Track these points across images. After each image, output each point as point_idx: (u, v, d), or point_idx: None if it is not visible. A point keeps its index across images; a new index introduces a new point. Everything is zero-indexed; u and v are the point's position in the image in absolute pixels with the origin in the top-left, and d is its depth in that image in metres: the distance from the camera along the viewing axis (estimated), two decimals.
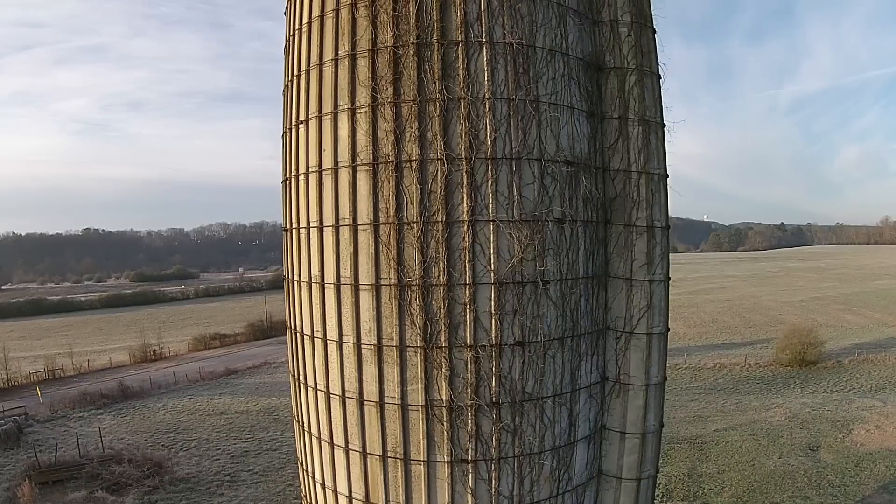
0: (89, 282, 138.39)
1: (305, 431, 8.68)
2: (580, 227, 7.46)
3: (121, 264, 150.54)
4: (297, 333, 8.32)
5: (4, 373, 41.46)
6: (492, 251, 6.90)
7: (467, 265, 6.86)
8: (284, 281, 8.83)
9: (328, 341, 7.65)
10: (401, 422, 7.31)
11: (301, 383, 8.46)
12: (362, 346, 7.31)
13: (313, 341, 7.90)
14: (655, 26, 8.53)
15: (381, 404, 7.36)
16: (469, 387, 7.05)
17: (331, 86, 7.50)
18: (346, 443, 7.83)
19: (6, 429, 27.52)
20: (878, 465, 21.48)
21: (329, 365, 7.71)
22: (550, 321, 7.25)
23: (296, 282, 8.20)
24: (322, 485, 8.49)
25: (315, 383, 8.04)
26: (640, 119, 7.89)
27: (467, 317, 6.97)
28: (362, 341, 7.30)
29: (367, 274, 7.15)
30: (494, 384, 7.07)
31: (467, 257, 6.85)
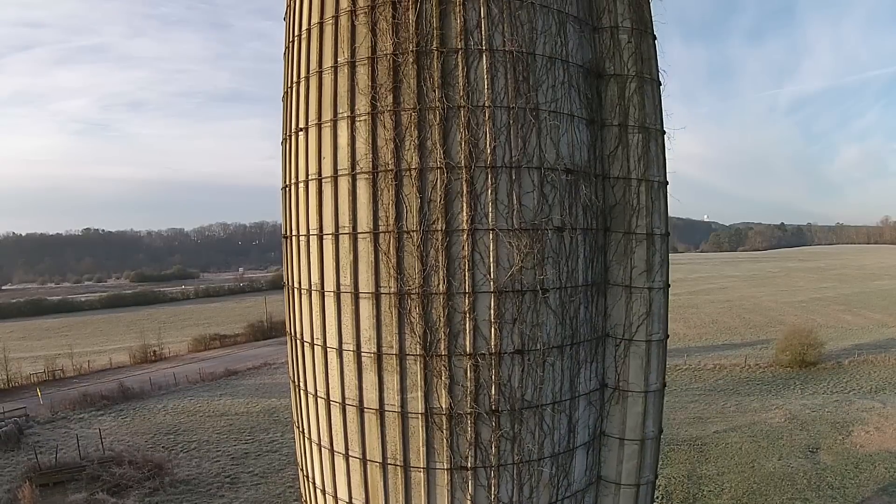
0: (89, 282, 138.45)
1: (305, 437, 8.70)
2: (580, 235, 7.47)
3: (121, 264, 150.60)
4: (297, 340, 8.34)
5: (5, 374, 41.50)
6: (491, 260, 6.91)
7: (467, 274, 6.87)
8: (284, 287, 8.84)
9: (328, 349, 7.67)
10: (400, 429, 7.33)
11: (301, 390, 8.48)
12: (362, 354, 7.33)
13: (313, 348, 7.92)
14: (656, 32, 8.54)
15: (381, 412, 7.37)
16: (469, 395, 7.07)
17: (330, 93, 7.51)
18: (347, 449, 7.85)
19: (7, 430, 27.56)
20: (878, 466, 21.50)
21: (329, 372, 7.73)
22: (550, 329, 7.26)
23: (296, 289, 8.22)
24: (322, 490, 8.51)
25: (315, 390, 8.06)
26: (640, 126, 7.89)
27: (467, 325, 6.98)
28: (362, 349, 7.31)
29: (366, 282, 7.16)
30: (494, 392, 7.09)
31: (467, 266, 6.86)
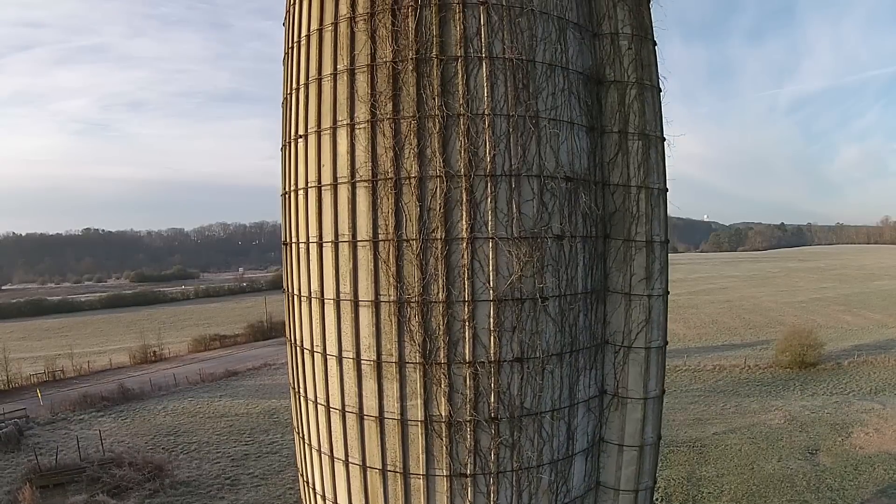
0: (89, 282, 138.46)
1: (306, 443, 8.71)
2: (579, 243, 7.47)
3: (121, 264, 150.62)
4: (297, 347, 8.35)
5: (5, 374, 41.51)
6: (491, 268, 6.91)
7: (466, 282, 6.88)
8: (284, 294, 8.85)
9: (328, 356, 7.67)
10: (400, 436, 7.34)
11: (301, 396, 8.49)
12: (362, 362, 7.34)
13: (313, 356, 7.93)
14: (656, 38, 8.53)
15: (381, 419, 7.38)
16: (468, 402, 7.08)
17: (330, 101, 7.50)
18: (346, 456, 7.86)
19: (7, 431, 27.58)
20: (877, 468, 21.53)
21: (329, 379, 7.74)
22: (549, 337, 7.27)
23: (295, 296, 8.22)
24: (322, 496, 8.53)
25: (315, 397, 8.07)
26: (640, 133, 7.89)
27: (466, 333, 6.99)
28: (362, 357, 7.32)
29: (366, 290, 7.16)
30: (493, 400, 7.10)
31: (466, 274, 6.86)
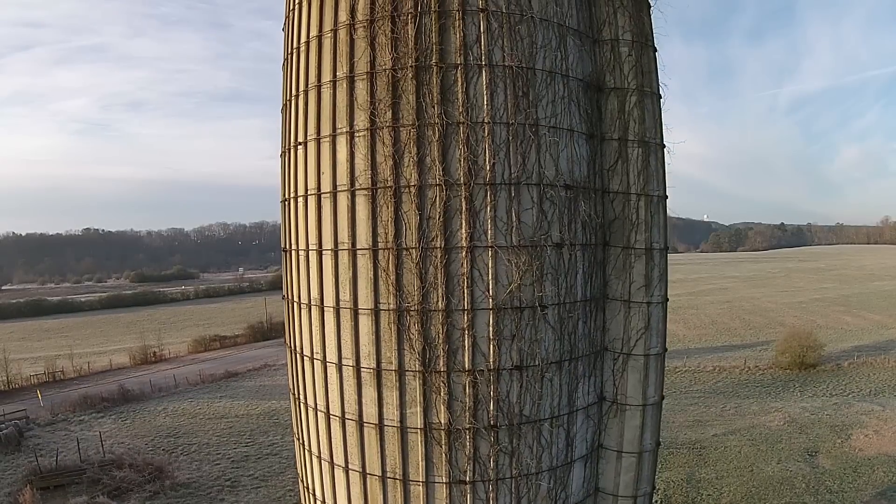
0: (89, 282, 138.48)
1: (306, 449, 8.72)
2: (578, 251, 7.47)
3: (121, 264, 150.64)
4: (297, 354, 8.36)
5: (5, 375, 41.53)
6: (490, 277, 6.91)
7: (466, 291, 6.88)
8: (284, 301, 8.85)
9: (328, 363, 7.68)
10: (400, 444, 7.35)
11: (301, 403, 8.50)
12: (362, 370, 7.34)
13: (313, 363, 7.93)
14: (656, 44, 8.52)
15: (381, 426, 7.39)
16: (467, 410, 7.08)
17: (329, 108, 7.49)
18: (346, 463, 7.87)
19: (7, 433, 27.59)
20: (877, 471, 21.53)
21: (329, 387, 7.75)
22: (548, 345, 7.27)
23: (295, 303, 8.23)
24: (322, 502, 8.54)
25: (315, 404, 8.08)
26: (639, 141, 7.89)
27: (466, 342, 6.99)
28: (361, 365, 7.32)
29: (366, 299, 7.17)
30: (492, 408, 7.10)
31: (466, 283, 6.86)
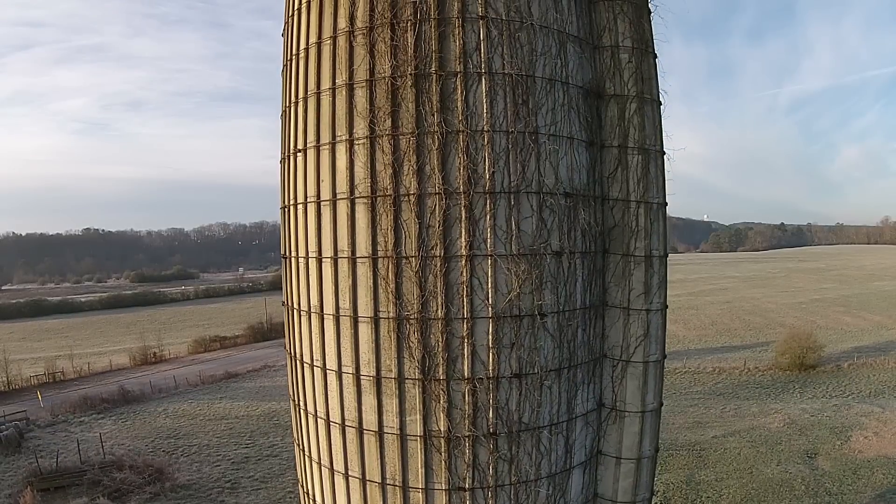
0: (89, 282, 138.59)
1: (306, 455, 8.74)
2: (578, 259, 7.48)
3: (121, 264, 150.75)
4: (297, 361, 8.37)
5: (5, 376, 41.59)
6: (490, 285, 6.92)
7: (465, 299, 6.89)
8: (284, 307, 8.86)
9: (328, 371, 7.69)
10: (399, 451, 7.36)
11: (301, 409, 8.51)
12: (361, 377, 7.36)
13: (313, 370, 7.95)
14: (657, 50, 8.51)
15: (381, 433, 7.40)
16: (466, 418, 7.10)
17: (328, 116, 7.49)
18: (346, 469, 7.89)
19: (7, 434, 27.64)
20: (876, 473, 21.56)
21: (329, 394, 7.76)
22: (547, 353, 7.28)
23: (295, 310, 8.24)
24: None
25: (315, 410, 8.09)
26: (639, 148, 7.89)
27: (465, 350, 7.00)
28: (361, 372, 7.34)
29: (365, 307, 7.18)
30: (491, 415, 7.12)
31: (465, 292, 6.87)
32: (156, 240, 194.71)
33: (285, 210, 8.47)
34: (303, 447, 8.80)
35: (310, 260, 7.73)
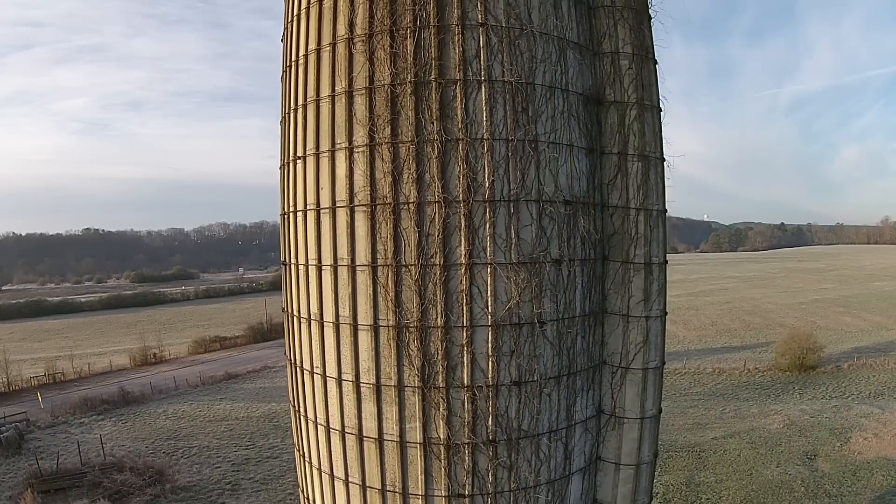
0: (89, 282, 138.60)
1: (306, 461, 8.76)
2: (577, 266, 7.48)
3: (121, 264, 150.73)
4: (297, 367, 8.38)
5: (5, 376, 41.58)
6: (489, 294, 6.93)
7: (465, 308, 6.90)
8: (284, 314, 8.87)
9: (328, 378, 7.71)
10: (399, 458, 7.38)
11: (301, 415, 8.53)
12: (361, 385, 7.37)
13: (313, 377, 7.96)
14: (657, 56, 8.49)
15: (381, 441, 7.42)
16: (466, 425, 7.11)
17: (328, 123, 7.50)
18: (346, 475, 7.91)
19: (8, 436, 27.65)
20: (876, 474, 21.58)
21: (329, 400, 7.78)
22: (547, 360, 7.30)
23: (295, 317, 8.25)
24: None
25: (315, 417, 8.11)
26: (639, 155, 7.89)
27: (465, 358, 7.01)
28: (361, 380, 7.35)
29: (365, 315, 7.19)
30: (491, 423, 7.13)
31: (465, 300, 6.88)
32: (156, 240, 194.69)
33: (285, 217, 8.48)
34: (303, 453, 8.82)
35: (309, 267, 7.74)
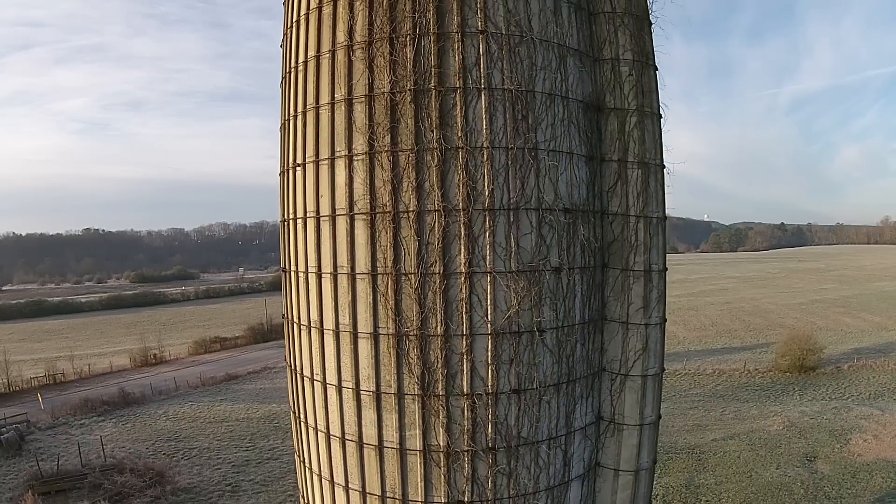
0: (90, 282, 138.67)
1: (306, 467, 8.77)
2: (577, 274, 7.49)
3: (121, 264, 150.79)
4: (297, 374, 8.39)
5: (6, 377, 41.61)
6: (489, 302, 6.94)
7: (464, 316, 6.91)
8: (284, 320, 8.88)
9: (328, 385, 7.72)
10: (399, 465, 7.39)
11: (301, 421, 8.54)
12: (361, 392, 7.38)
13: (313, 384, 7.97)
14: (657, 63, 8.47)
15: (381, 448, 7.43)
16: (466, 433, 7.12)
17: (327, 131, 7.49)
18: (346, 482, 7.92)
19: (8, 437, 27.69)
20: (875, 476, 21.59)
21: (329, 407, 7.79)
22: (546, 368, 7.31)
23: (295, 324, 8.25)
24: None
25: (315, 423, 8.12)
26: (639, 162, 7.89)
27: (464, 366, 7.03)
28: (361, 387, 7.36)
29: (365, 323, 7.19)
30: (490, 430, 7.14)
31: (464, 309, 6.89)
32: (156, 240, 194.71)
33: (285, 224, 8.48)
34: (303, 458, 8.83)
35: (309, 275, 7.75)
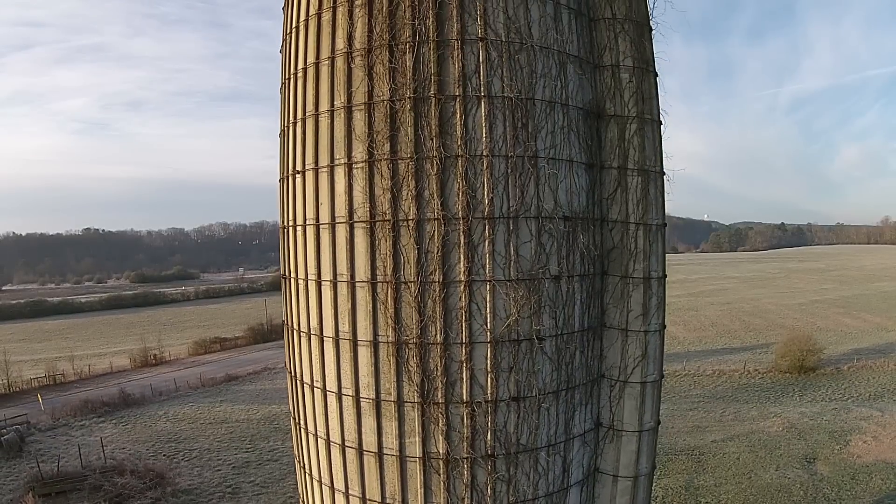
0: (90, 282, 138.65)
1: (306, 473, 8.79)
2: (577, 282, 7.50)
3: (121, 264, 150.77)
4: (298, 381, 8.40)
5: (6, 378, 41.62)
6: (488, 311, 6.95)
7: (464, 325, 6.92)
8: (284, 327, 8.89)
9: (328, 392, 7.73)
10: (399, 472, 7.41)
11: (302, 428, 8.56)
12: (361, 400, 7.39)
13: (313, 391, 7.98)
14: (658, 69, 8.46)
15: (380, 455, 7.45)
16: (465, 440, 7.14)
17: (327, 138, 7.50)
18: (346, 488, 7.94)
19: (8, 438, 27.69)
20: (875, 478, 21.61)
21: (329, 414, 7.80)
22: (545, 376, 7.32)
23: (295, 331, 8.26)
24: None
25: (315, 430, 8.13)
26: (639, 169, 7.89)
27: (464, 374, 7.04)
28: (361, 395, 7.37)
29: (365, 330, 7.20)
30: (490, 438, 7.16)
31: (464, 317, 6.90)
32: (156, 240, 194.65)
33: (285, 231, 8.49)
34: (303, 464, 8.85)
35: (309, 282, 7.75)
